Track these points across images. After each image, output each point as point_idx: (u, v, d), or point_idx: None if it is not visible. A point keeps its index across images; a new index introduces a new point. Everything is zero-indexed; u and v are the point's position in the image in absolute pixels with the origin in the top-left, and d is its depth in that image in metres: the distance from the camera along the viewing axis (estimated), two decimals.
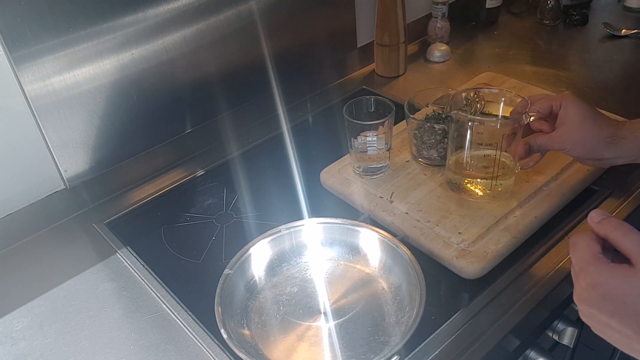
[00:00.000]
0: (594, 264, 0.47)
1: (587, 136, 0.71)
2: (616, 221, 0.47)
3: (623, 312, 0.45)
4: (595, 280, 0.46)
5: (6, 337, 0.72)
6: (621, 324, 0.45)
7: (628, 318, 0.44)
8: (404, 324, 0.65)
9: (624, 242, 0.46)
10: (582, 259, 0.48)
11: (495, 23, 1.38)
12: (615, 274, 0.45)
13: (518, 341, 0.71)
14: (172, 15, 0.89)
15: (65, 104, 0.83)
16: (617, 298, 0.45)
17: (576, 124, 0.71)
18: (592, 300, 0.46)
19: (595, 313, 0.47)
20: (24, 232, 0.86)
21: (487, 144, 0.74)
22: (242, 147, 1.01)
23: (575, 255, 0.49)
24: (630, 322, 0.44)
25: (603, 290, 0.45)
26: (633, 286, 0.44)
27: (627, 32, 1.26)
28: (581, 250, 0.48)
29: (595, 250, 0.47)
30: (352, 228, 0.75)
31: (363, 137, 0.81)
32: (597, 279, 0.46)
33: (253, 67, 1.04)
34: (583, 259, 0.48)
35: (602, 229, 0.48)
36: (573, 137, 0.71)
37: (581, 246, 0.48)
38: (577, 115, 0.71)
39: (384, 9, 1.11)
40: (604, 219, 0.48)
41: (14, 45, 0.75)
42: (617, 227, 0.47)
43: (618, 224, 0.47)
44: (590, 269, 0.47)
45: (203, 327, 0.70)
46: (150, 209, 0.91)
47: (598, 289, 0.46)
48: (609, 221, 0.48)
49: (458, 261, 0.72)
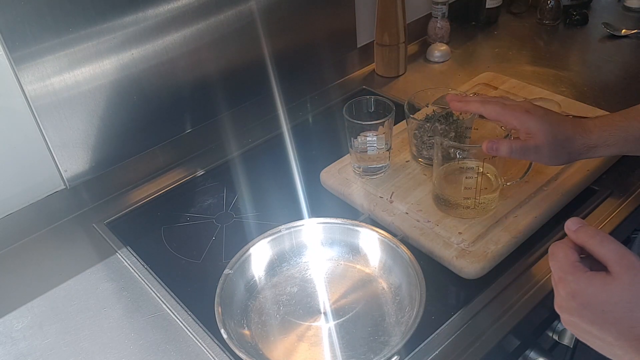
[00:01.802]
0: (572, 273, 0.47)
1: (558, 154, 0.68)
2: (592, 230, 0.48)
3: (602, 320, 0.45)
4: (574, 290, 0.47)
5: (6, 337, 0.72)
6: (601, 331, 0.46)
7: (607, 326, 0.45)
8: (404, 324, 0.65)
9: (600, 250, 0.47)
10: (561, 269, 0.48)
11: (495, 23, 1.38)
12: (593, 283, 0.46)
13: (518, 341, 0.71)
14: (172, 15, 0.89)
15: (65, 104, 0.83)
16: (596, 307, 0.45)
17: (546, 144, 0.67)
18: (572, 310, 0.47)
19: (576, 321, 0.47)
20: (24, 232, 0.86)
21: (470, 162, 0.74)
22: (242, 147, 1.01)
23: (554, 264, 0.49)
24: (610, 329, 0.45)
25: (582, 300, 0.46)
26: (611, 294, 0.45)
27: (627, 32, 1.26)
28: (559, 260, 0.49)
29: (573, 259, 0.48)
30: (352, 228, 0.75)
31: (363, 137, 0.81)
32: (575, 289, 0.47)
33: (253, 67, 1.04)
34: (562, 268, 0.48)
35: (579, 238, 0.48)
36: (547, 155, 0.69)
37: (559, 255, 0.49)
38: (545, 135, 0.67)
39: (384, 9, 1.11)
40: (581, 227, 0.49)
41: (14, 45, 0.75)
42: (594, 235, 0.47)
43: (594, 233, 0.48)
44: (569, 279, 0.47)
45: (203, 327, 0.70)
46: (150, 209, 0.91)
47: (577, 299, 0.47)
48: (585, 230, 0.48)
49: (458, 261, 0.72)
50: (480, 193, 0.74)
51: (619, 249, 0.46)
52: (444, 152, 0.75)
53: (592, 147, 0.69)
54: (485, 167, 0.74)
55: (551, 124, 0.67)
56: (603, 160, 0.84)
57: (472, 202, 0.75)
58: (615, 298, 0.45)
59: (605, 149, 0.69)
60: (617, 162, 0.87)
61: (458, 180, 0.77)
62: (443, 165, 0.77)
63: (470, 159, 0.74)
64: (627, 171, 0.86)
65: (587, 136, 0.68)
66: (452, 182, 0.77)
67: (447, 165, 0.77)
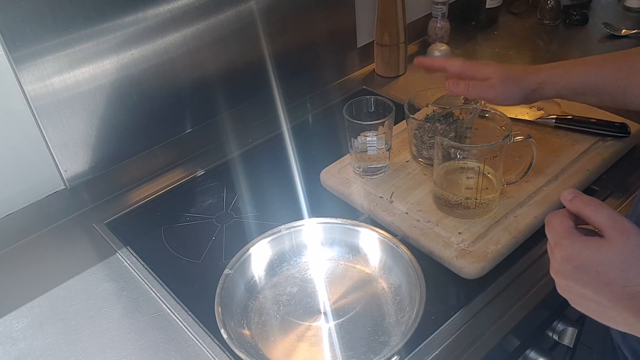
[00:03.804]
0: (567, 238, 0.49)
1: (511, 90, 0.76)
2: (587, 197, 0.50)
3: (597, 282, 0.47)
4: (570, 253, 0.48)
5: (6, 337, 0.72)
6: (596, 293, 0.47)
7: (601, 287, 0.46)
8: (404, 324, 0.65)
9: (595, 216, 0.48)
10: (557, 234, 0.50)
11: (495, 23, 1.38)
12: (588, 246, 0.47)
13: (518, 341, 0.71)
14: (172, 15, 0.89)
15: (65, 104, 0.83)
16: (590, 268, 0.47)
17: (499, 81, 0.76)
18: (568, 273, 0.49)
19: (571, 284, 0.49)
20: (24, 232, 0.86)
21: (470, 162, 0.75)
22: (242, 147, 1.01)
23: (550, 231, 0.51)
24: (604, 290, 0.46)
25: (577, 262, 0.48)
26: (605, 256, 0.46)
27: (627, 32, 1.26)
28: (555, 227, 0.50)
29: (568, 225, 0.50)
30: (352, 228, 0.75)
31: (363, 137, 0.81)
32: (571, 252, 0.48)
33: (253, 67, 1.04)
34: (557, 234, 0.50)
35: (574, 206, 0.50)
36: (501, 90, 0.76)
37: (555, 222, 0.50)
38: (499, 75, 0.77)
39: (384, 9, 1.11)
40: (576, 197, 0.50)
41: (14, 45, 0.75)
42: (589, 203, 0.49)
43: (589, 200, 0.49)
44: (565, 243, 0.49)
45: (203, 327, 0.70)
46: (150, 209, 0.91)
47: (572, 261, 0.48)
48: (580, 198, 0.50)
49: (458, 261, 0.72)
50: (481, 193, 0.74)
51: (613, 215, 0.48)
52: (444, 152, 0.75)
53: (540, 84, 0.76)
54: (485, 167, 0.74)
55: (505, 67, 0.78)
56: (603, 160, 0.85)
57: (472, 203, 0.75)
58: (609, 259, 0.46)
59: (552, 87, 0.75)
60: (617, 162, 0.87)
61: (458, 180, 0.77)
62: (443, 165, 0.77)
63: (471, 159, 0.74)
64: (627, 171, 0.86)
65: (536, 74, 0.76)
66: (453, 182, 0.77)
67: (447, 165, 0.77)
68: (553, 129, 0.91)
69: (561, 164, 0.84)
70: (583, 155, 0.86)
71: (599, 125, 0.88)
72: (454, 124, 0.80)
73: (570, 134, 0.89)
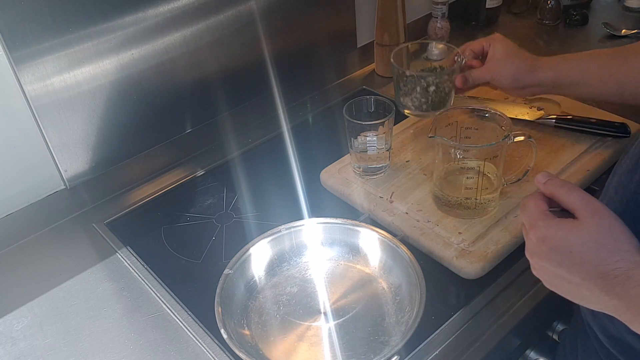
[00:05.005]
0: (542, 219, 0.50)
1: (511, 67, 0.81)
2: (560, 180, 0.51)
3: (570, 262, 0.48)
4: (544, 235, 0.49)
5: (6, 337, 0.72)
6: (569, 272, 0.48)
7: (575, 266, 0.48)
8: (404, 324, 0.65)
9: (568, 198, 0.50)
10: (532, 217, 0.51)
11: (495, 23, 1.38)
12: (562, 227, 0.49)
13: (518, 341, 0.71)
14: (172, 15, 0.89)
15: (65, 104, 0.83)
16: (564, 249, 0.48)
17: (502, 58, 0.82)
18: (542, 254, 0.50)
19: (546, 265, 0.50)
20: (24, 232, 0.86)
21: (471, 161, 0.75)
22: (242, 147, 1.01)
23: (525, 214, 0.52)
24: (578, 269, 0.48)
25: (551, 243, 0.49)
26: (578, 237, 0.48)
27: (627, 32, 1.26)
28: (530, 209, 0.52)
29: (543, 208, 0.51)
30: (352, 228, 0.75)
31: (363, 137, 0.81)
32: (545, 233, 0.49)
33: (253, 67, 1.04)
34: (532, 216, 0.51)
35: (548, 189, 0.51)
36: (499, 69, 0.82)
37: (530, 205, 0.52)
38: (502, 50, 0.82)
39: (384, 9, 1.11)
40: (550, 180, 0.52)
41: (14, 45, 0.75)
42: (562, 185, 0.51)
43: (562, 183, 0.51)
44: (539, 225, 0.50)
45: (203, 327, 0.70)
46: (150, 209, 0.91)
47: (547, 242, 0.49)
48: (553, 181, 0.51)
49: (458, 261, 0.72)
50: (481, 193, 0.74)
51: (585, 196, 0.49)
52: (444, 152, 0.75)
53: (535, 61, 0.80)
54: (485, 167, 0.74)
55: (506, 43, 0.83)
56: (603, 160, 0.85)
57: (472, 202, 0.75)
58: (582, 239, 0.47)
59: (547, 71, 0.79)
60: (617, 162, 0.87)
61: (458, 180, 0.77)
62: (443, 165, 0.77)
63: (471, 159, 0.74)
64: None
65: (536, 58, 0.81)
66: (453, 182, 0.77)
67: (447, 165, 0.77)
68: (553, 129, 0.91)
69: (561, 164, 0.84)
70: (583, 155, 0.86)
71: (599, 125, 0.88)
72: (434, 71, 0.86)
73: (570, 134, 0.89)
